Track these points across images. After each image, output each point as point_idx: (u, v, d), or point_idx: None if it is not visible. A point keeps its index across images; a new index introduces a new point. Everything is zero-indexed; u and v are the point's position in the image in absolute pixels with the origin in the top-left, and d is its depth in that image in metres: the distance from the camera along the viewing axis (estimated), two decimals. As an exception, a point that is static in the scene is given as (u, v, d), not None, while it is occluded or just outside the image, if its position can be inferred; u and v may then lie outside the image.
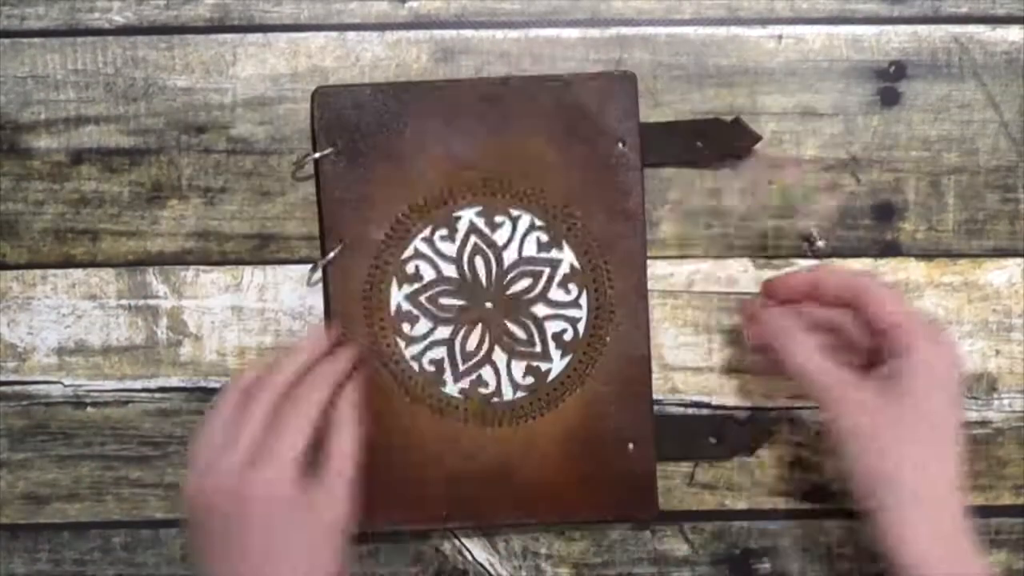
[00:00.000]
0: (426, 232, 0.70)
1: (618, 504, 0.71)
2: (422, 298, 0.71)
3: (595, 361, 0.70)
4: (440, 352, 0.71)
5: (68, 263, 0.72)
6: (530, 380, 0.71)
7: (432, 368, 0.70)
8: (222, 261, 0.72)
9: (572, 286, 0.70)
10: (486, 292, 0.70)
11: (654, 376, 0.71)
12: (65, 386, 0.73)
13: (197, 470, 0.63)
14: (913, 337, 0.61)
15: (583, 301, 0.70)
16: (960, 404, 0.63)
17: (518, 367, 0.71)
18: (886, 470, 0.61)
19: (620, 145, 0.69)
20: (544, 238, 0.70)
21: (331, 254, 0.70)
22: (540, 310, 0.70)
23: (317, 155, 0.69)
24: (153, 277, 0.72)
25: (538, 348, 0.70)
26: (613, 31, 0.71)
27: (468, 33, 0.71)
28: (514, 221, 0.70)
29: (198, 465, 0.63)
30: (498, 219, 0.70)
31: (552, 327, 0.70)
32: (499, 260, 0.70)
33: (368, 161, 0.70)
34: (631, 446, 0.70)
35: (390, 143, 0.69)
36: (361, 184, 0.70)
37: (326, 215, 0.70)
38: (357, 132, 0.70)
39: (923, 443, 0.61)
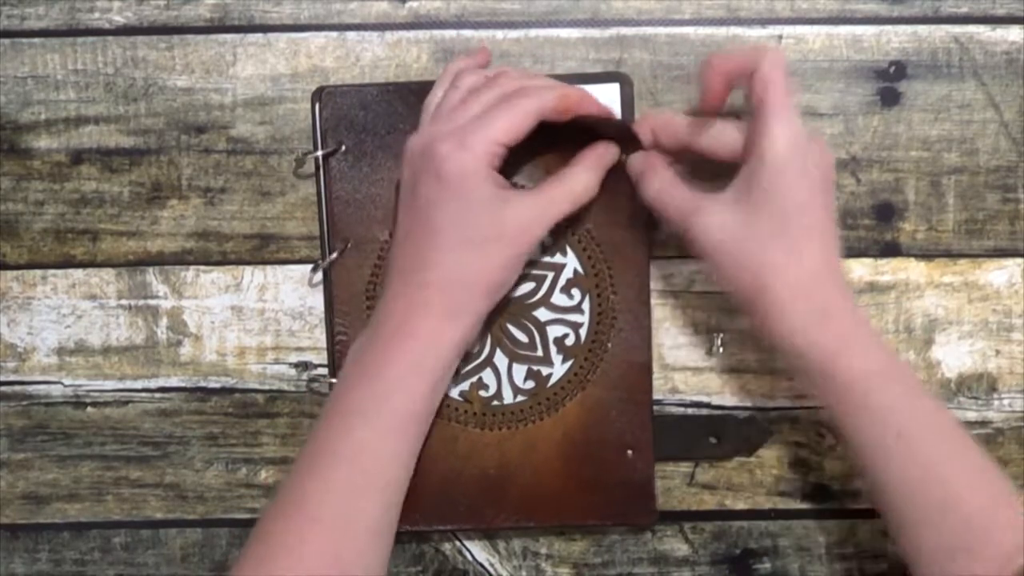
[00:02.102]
0: (430, 233, 0.70)
1: (616, 509, 0.71)
2: (423, 298, 0.70)
3: (596, 367, 0.70)
4: (441, 353, 0.70)
5: (68, 263, 0.72)
6: (531, 384, 0.70)
7: (433, 369, 0.70)
8: (222, 261, 0.72)
9: (575, 291, 0.70)
10: (487, 294, 0.70)
11: (654, 376, 0.71)
12: (65, 386, 0.73)
13: (422, 124, 0.65)
14: (772, 125, 0.61)
15: (585, 306, 0.70)
16: (827, 193, 0.63)
17: (519, 371, 0.70)
18: (754, 278, 0.61)
19: (622, 147, 0.69)
20: (548, 242, 0.70)
21: (333, 255, 0.70)
22: (542, 314, 0.70)
23: (320, 152, 0.69)
24: (153, 277, 0.72)
25: (539, 352, 0.70)
26: (613, 31, 0.71)
27: (468, 33, 0.71)
28: (516, 224, 0.70)
29: (424, 119, 0.65)
30: (500, 221, 0.70)
31: (554, 332, 0.70)
32: (501, 263, 0.70)
33: (373, 161, 0.70)
34: (630, 452, 0.70)
35: (396, 143, 0.69)
36: (366, 184, 0.70)
37: (330, 215, 0.70)
38: (363, 132, 0.70)
39: (786, 238, 0.61)
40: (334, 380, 0.70)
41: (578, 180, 0.65)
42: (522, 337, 0.70)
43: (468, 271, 0.62)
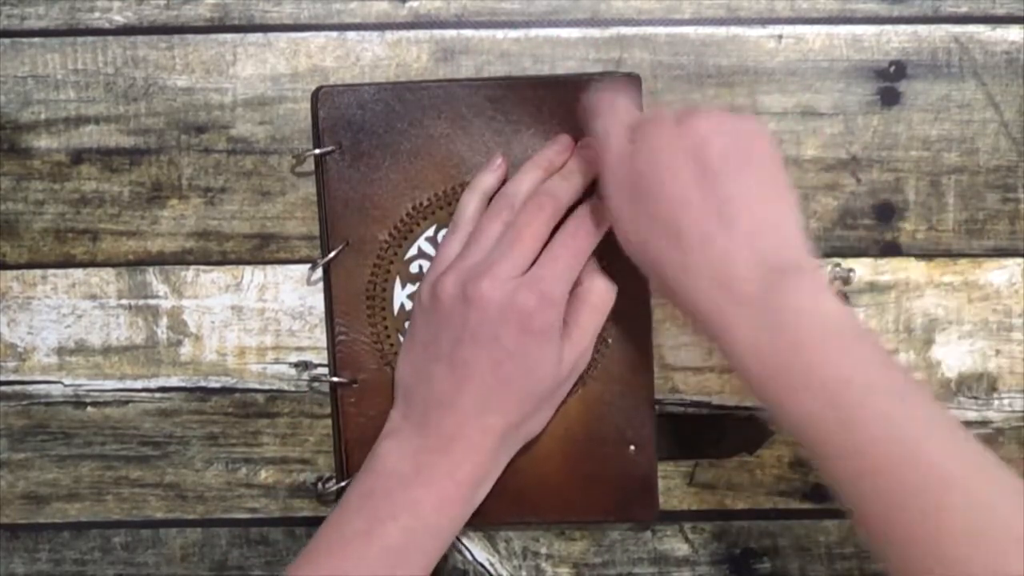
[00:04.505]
0: (429, 232, 0.70)
1: (618, 505, 0.71)
2: (424, 298, 0.70)
3: (597, 363, 0.70)
4: (441, 352, 0.70)
5: (68, 263, 0.72)
6: (531, 381, 0.70)
7: (434, 368, 0.70)
8: (222, 261, 0.72)
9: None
10: (487, 292, 0.70)
11: (655, 376, 0.71)
12: (65, 386, 0.73)
13: (435, 269, 0.66)
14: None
15: (586, 302, 0.70)
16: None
17: (520, 368, 0.70)
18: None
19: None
20: None
21: (332, 253, 0.70)
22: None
23: (318, 151, 0.69)
24: (153, 277, 0.72)
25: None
26: (613, 31, 0.71)
27: (468, 33, 0.71)
28: (516, 221, 0.70)
29: (438, 264, 0.66)
30: (500, 219, 0.70)
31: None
32: (501, 260, 0.70)
33: (371, 161, 0.70)
34: (632, 448, 0.70)
35: (393, 143, 0.69)
36: (364, 184, 0.70)
37: (329, 215, 0.70)
38: (360, 131, 0.70)
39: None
40: (336, 379, 0.70)
41: (599, 294, 0.66)
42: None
43: (528, 421, 0.65)
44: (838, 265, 0.71)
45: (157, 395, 0.73)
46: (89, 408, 0.73)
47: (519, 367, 0.63)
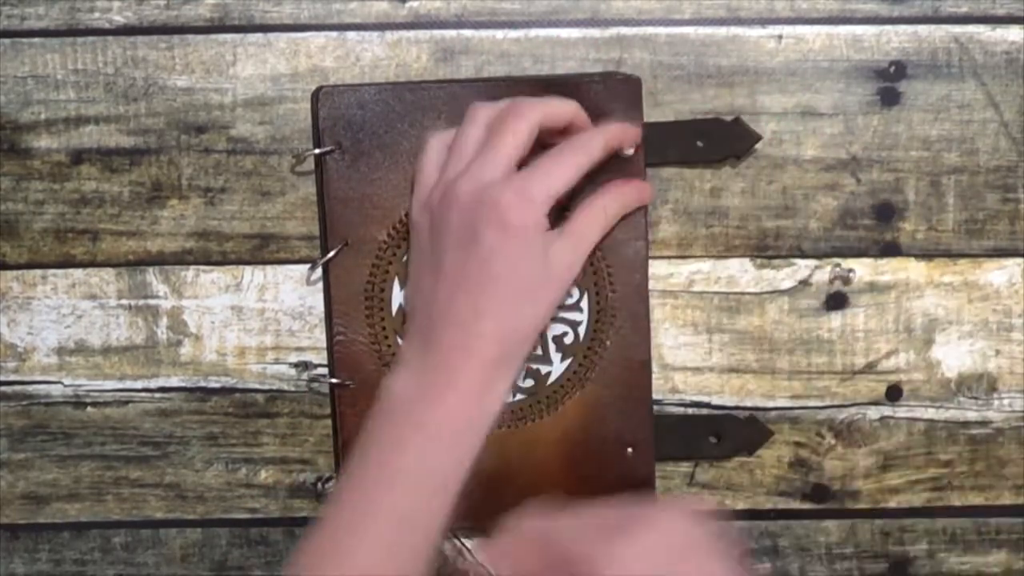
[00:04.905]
0: (428, 233, 0.70)
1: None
2: (423, 298, 0.70)
3: (595, 365, 0.70)
4: (441, 353, 0.70)
5: (68, 263, 0.72)
6: (530, 383, 0.70)
7: (433, 369, 0.70)
8: (222, 261, 0.72)
9: (573, 289, 0.70)
10: (486, 293, 0.70)
11: (654, 376, 0.71)
12: (65, 386, 0.73)
13: (421, 184, 0.66)
14: None
15: (584, 304, 0.70)
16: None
17: (518, 369, 0.70)
18: None
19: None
20: None
21: (331, 253, 0.70)
22: (541, 312, 0.70)
23: (318, 151, 0.69)
24: (153, 277, 0.72)
25: (538, 351, 0.70)
26: (613, 31, 0.71)
27: (468, 33, 0.71)
28: (515, 221, 0.70)
29: (421, 182, 0.66)
30: (499, 219, 0.70)
31: (553, 330, 0.70)
32: (500, 261, 0.70)
33: (371, 161, 0.70)
34: (630, 450, 0.70)
35: (393, 143, 0.69)
36: (364, 184, 0.70)
37: (329, 215, 0.70)
38: (360, 132, 0.69)
39: None
40: (335, 380, 0.70)
41: (606, 211, 0.66)
42: (521, 335, 0.70)
43: (522, 319, 0.63)
44: (838, 265, 0.72)
45: (157, 395, 0.73)
46: (89, 408, 0.73)
47: (504, 264, 0.61)
